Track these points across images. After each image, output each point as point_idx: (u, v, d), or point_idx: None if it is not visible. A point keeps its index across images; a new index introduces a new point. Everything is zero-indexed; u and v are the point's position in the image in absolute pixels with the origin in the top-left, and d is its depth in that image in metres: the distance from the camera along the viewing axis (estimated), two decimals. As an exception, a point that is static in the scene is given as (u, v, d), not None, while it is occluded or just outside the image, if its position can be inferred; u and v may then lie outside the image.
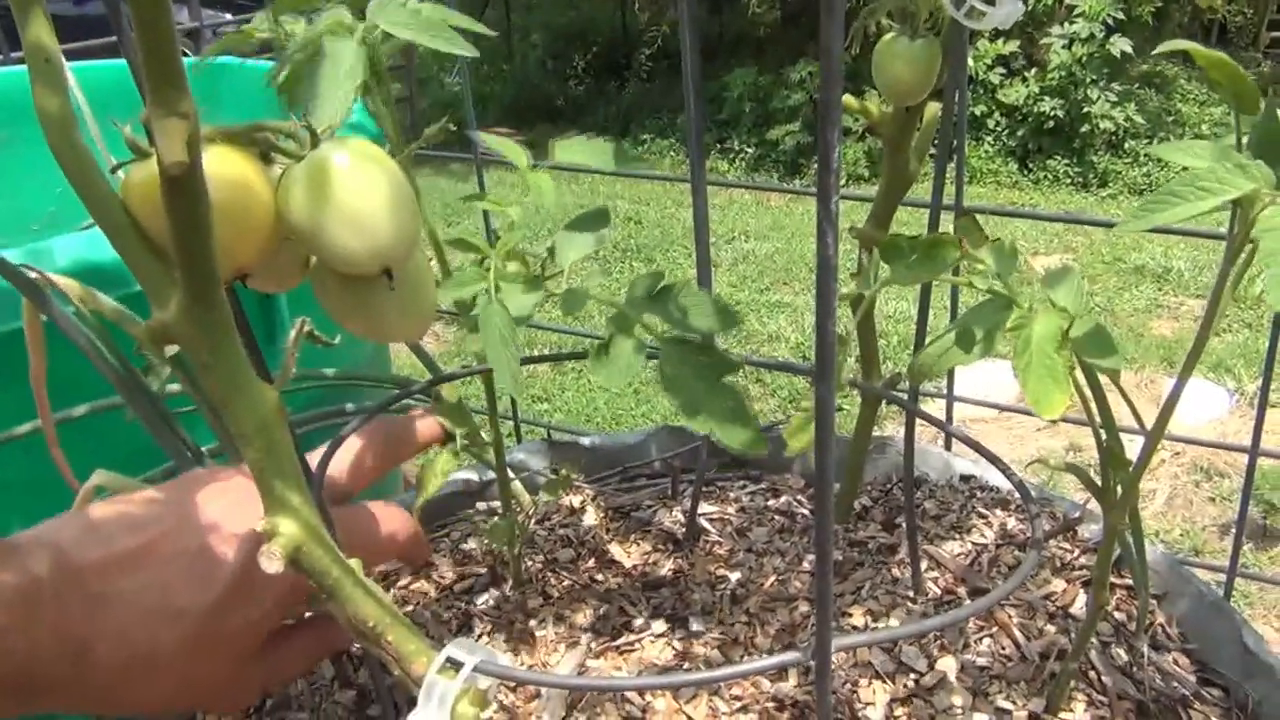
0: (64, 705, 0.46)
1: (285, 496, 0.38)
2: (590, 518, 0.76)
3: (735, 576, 0.69)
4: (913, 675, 0.59)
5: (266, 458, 0.38)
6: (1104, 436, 0.50)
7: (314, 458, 0.56)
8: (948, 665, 0.60)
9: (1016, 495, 0.76)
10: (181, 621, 0.46)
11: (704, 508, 0.77)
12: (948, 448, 0.87)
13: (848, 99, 0.59)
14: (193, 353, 0.37)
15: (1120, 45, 5.12)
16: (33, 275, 0.56)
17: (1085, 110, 5.17)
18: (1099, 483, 0.52)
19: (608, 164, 0.52)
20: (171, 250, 0.34)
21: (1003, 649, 0.61)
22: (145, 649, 0.46)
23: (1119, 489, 0.51)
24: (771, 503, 0.78)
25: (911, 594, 0.66)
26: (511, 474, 0.70)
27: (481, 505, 0.80)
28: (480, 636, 0.65)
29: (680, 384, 0.45)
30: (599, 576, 0.70)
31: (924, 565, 0.68)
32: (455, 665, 0.39)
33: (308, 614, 0.56)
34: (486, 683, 0.39)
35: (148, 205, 0.36)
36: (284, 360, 0.41)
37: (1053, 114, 5.19)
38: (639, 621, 0.65)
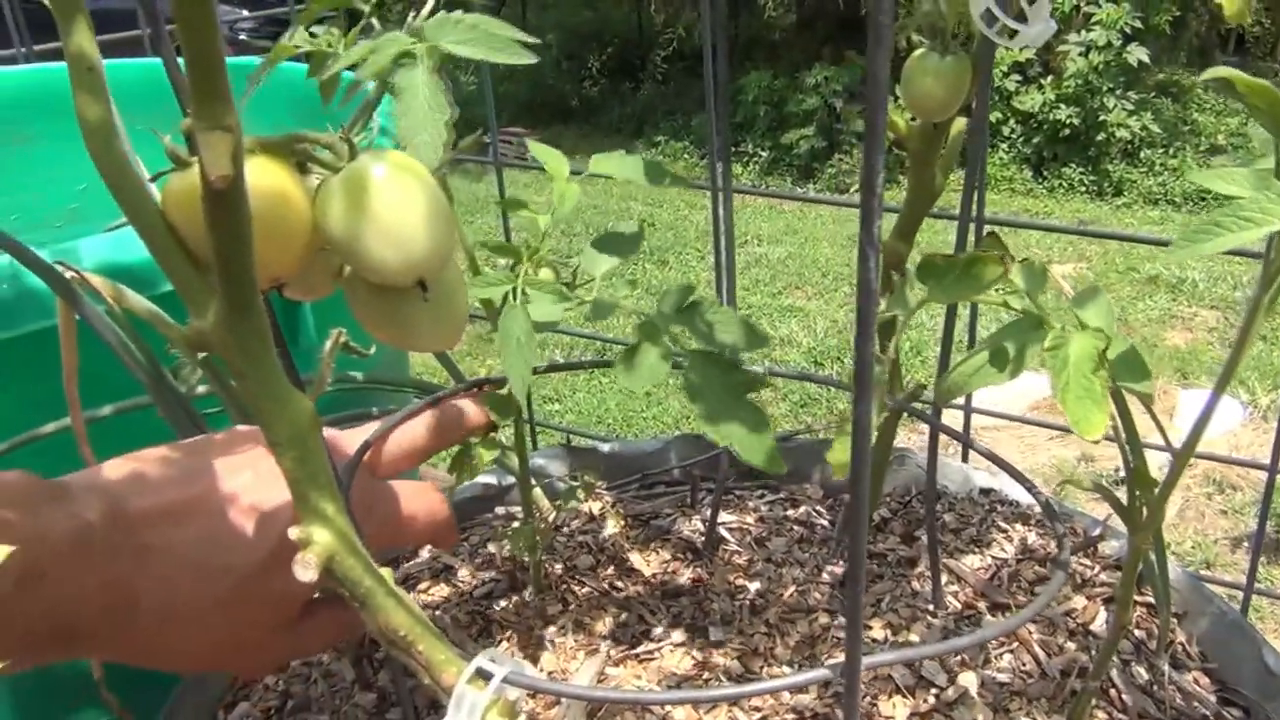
0: (101, 654, 0.45)
1: (319, 506, 0.38)
2: (610, 525, 0.76)
3: (755, 586, 0.69)
4: (933, 690, 0.59)
5: (300, 467, 0.38)
6: (1130, 456, 0.50)
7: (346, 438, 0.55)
8: (969, 681, 0.60)
9: (1037, 509, 0.76)
10: (226, 578, 0.46)
11: (723, 517, 0.77)
12: (964, 459, 0.87)
13: (878, 113, 0.59)
14: (229, 361, 0.37)
15: (1137, 54, 5.11)
16: (68, 274, 0.56)
17: (1101, 118, 5.16)
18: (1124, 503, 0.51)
19: (642, 178, 0.52)
20: (212, 260, 0.34)
21: (1023, 665, 0.61)
22: (187, 603, 0.45)
23: (1144, 509, 0.51)
24: (790, 513, 0.78)
25: (931, 607, 0.66)
26: (532, 480, 0.70)
27: (500, 510, 0.81)
28: (499, 642, 0.65)
29: (704, 395, 0.45)
30: (618, 584, 0.70)
31: (944, 579, 0.68)
32: (485, 676, 0.39)
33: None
34: (515, 694, 0.39)
35: (187, 214, 0.37)
36: (319, 369, 0.41)
37: (1068, 122, 5.18)
38: (658, 630, 0.65)
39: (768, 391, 3.04)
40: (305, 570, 0.37)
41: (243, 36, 5.25)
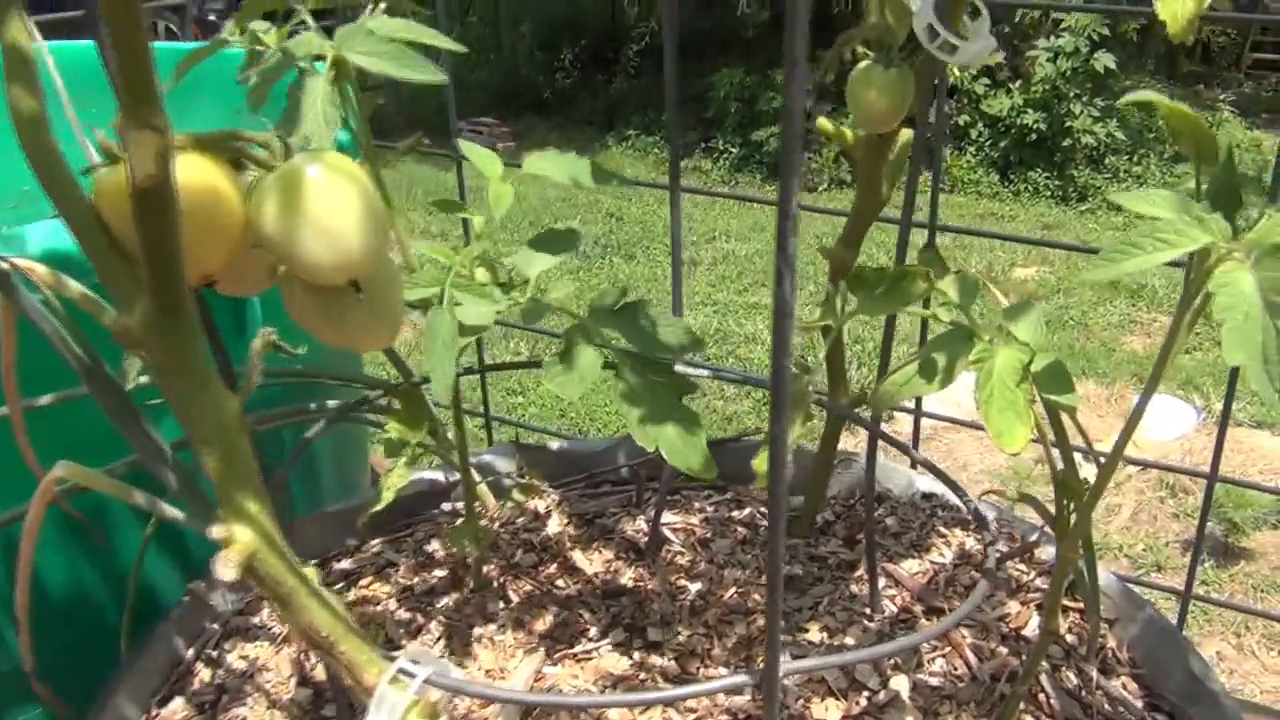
0: None
1: (243, 504, 0.38)
2: (554, 524, 0.77)
3: (695, 588, 0.69)
4: (865, 693, 0.60)
5: (225, 466, 0.38)
6: (1059, 466, 0.51)
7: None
8: (900, 684, 0.60)
9: (977, 515, 0.77)
10: None
11: (668, 517, 0.77)
12: (913, 466, 0.88)
13: (822, 122, 0.60)
14: (155, 358, 0.37)
15: (1104, 61, 5.16)
16: (3, 266, 0.55)
17: (1067, 124, 5.21)
18: (1053, 512, 0.52)
19: (578, 178, 0.52)
20: (140, 257, 0.34)
21: (955, 669, 0.62)
22: None
23: (1072, 519, 0.52)
24: (735, 514, 0.78)
25: (869, 611, 0.67)
26: (478, 476, 0.71)
27: (447, 506, 0.81)
28: (439, 639, 0.65)
29: (636, 400, 0.46)
30: (560, 583, 0.70)
31: (882, 583, 0.69)
32: (409, 676, 0.39)
33: None
34: (438, 694, 0.40)
35: (118, 209, 0.37)
36: (249, 367, 0.41)
37: (1035, 126, 5.22)
38: (597, 630, 0.65)
39: (731, 389, 3.05)
40: (227, 569, 0.37)
41: (212, 17, 5.20)
